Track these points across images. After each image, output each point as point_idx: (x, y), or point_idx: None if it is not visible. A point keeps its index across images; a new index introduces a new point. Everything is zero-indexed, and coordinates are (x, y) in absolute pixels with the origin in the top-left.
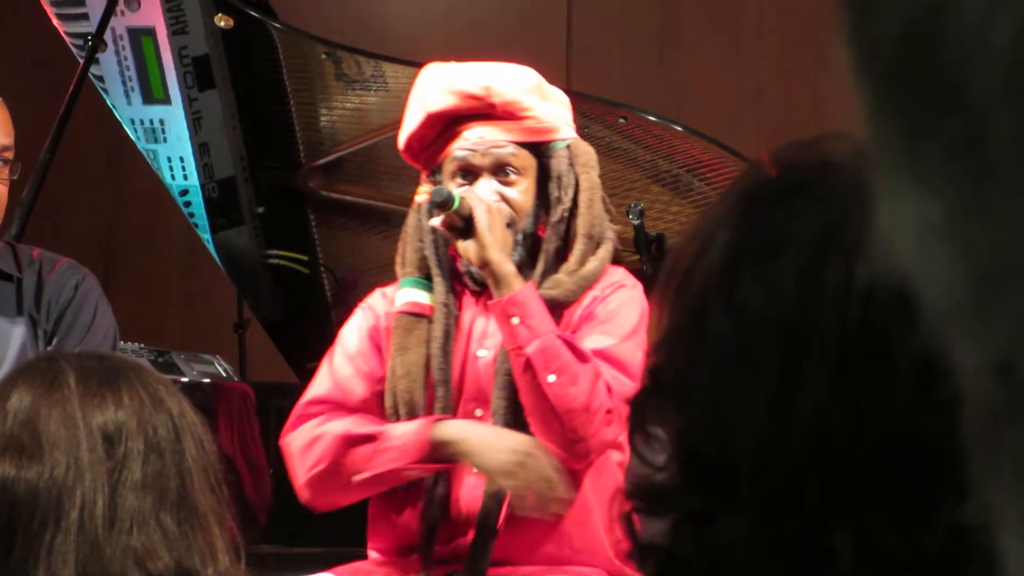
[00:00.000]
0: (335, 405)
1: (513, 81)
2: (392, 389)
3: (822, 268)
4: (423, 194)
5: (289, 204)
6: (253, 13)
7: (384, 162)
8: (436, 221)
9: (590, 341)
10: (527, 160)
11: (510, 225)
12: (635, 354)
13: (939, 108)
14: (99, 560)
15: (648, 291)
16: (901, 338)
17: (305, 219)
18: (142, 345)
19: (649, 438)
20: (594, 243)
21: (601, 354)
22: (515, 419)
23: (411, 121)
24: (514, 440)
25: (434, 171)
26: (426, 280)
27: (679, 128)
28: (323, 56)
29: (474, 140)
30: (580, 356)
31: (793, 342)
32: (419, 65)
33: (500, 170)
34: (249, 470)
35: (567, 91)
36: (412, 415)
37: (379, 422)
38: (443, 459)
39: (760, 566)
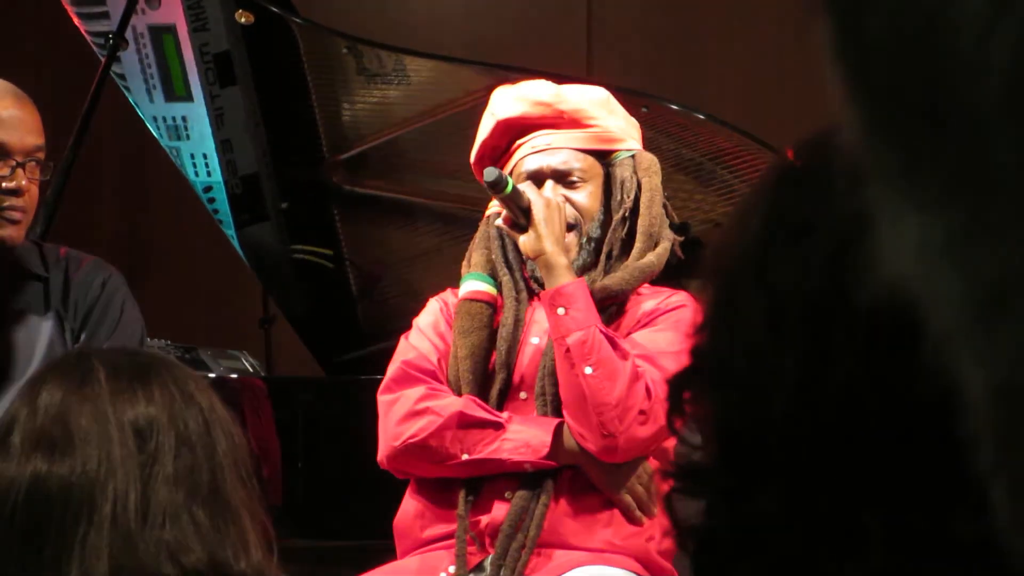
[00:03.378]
0: (428, 373)
1: (582, 92)
2: (454, 368)
3: (852, 248)
4: (492, 206)
5: (313, 199)
6: (273, 8)
7: (407, 156)
8: (499, 220)
9: (640, 344)
10: (593, 168)
11: (574, 227)
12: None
13: (937, 126)
14: (132, 554)
15: (678, 276)
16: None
17: (329, 214)
18: (169, 341)
19: (688, 418)
20: (653, 241)
21: (647, 357)
22: (555, 406)
23: (483, 131)
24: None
25: None
26: (489, 276)
27: (701, 116)
28: (344, 50)
29: (541, 145)
30: (621, 353)
31: (823, 320)
32: (441, 58)
33: (565, 176)
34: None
35: (587, 81)
36: (472, 393)
37: (491, 408)
38: (561, 462)
39: (792, 543)
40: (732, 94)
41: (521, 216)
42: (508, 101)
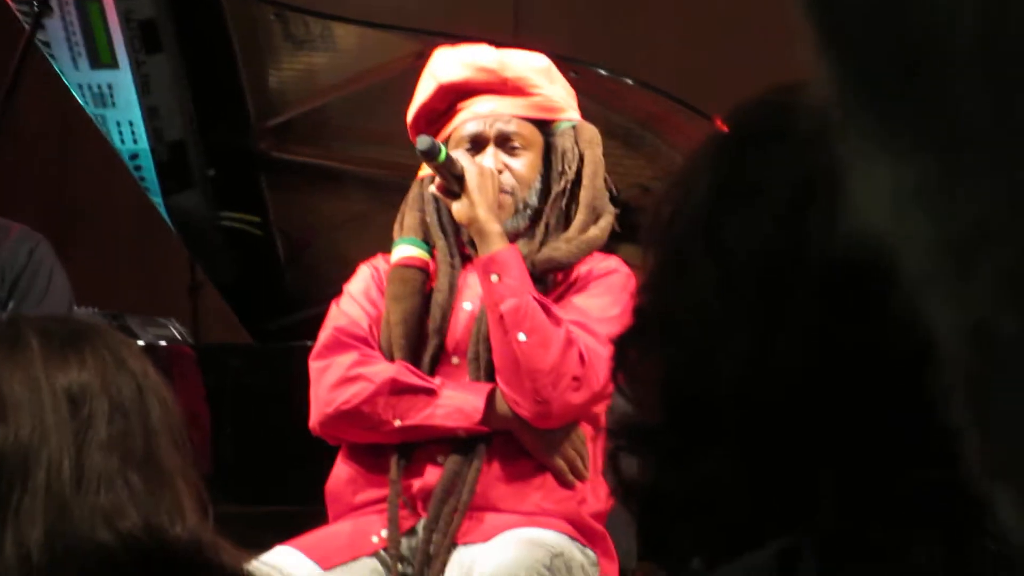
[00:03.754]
0: (360, 340)
1: (525, 59)
2: (387, 334)
3: (804, 209)
4: (424, 169)
5: (240, 166)
6: None
7: (335, 122)
8: (433, 187)
9: (573, 309)
10: (533, 136)
11: (512, 194)
12: (613, 330)
13: (909, 73)
14: (68, 520)
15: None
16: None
17: (257, 181)
18: (96, 309)
19: (633, 378)
20: (595, 214)
21: (580, 324)
22: (488, 371)
23: (422, 93)
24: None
25: None
26: (422, 241)
27: (630, 82)
28: (271, 17)
29: (483, 112)
30: (554, 320)
31: (775, 281)
32: (367, 24)
33: (506, 142)
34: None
35: (516, 46)
36: (404, 359)
37: (423, 374)
38: (494, 427)
39: (740, 504)
40: (661, 59)
41: (454, 183)
42: (451, 65)
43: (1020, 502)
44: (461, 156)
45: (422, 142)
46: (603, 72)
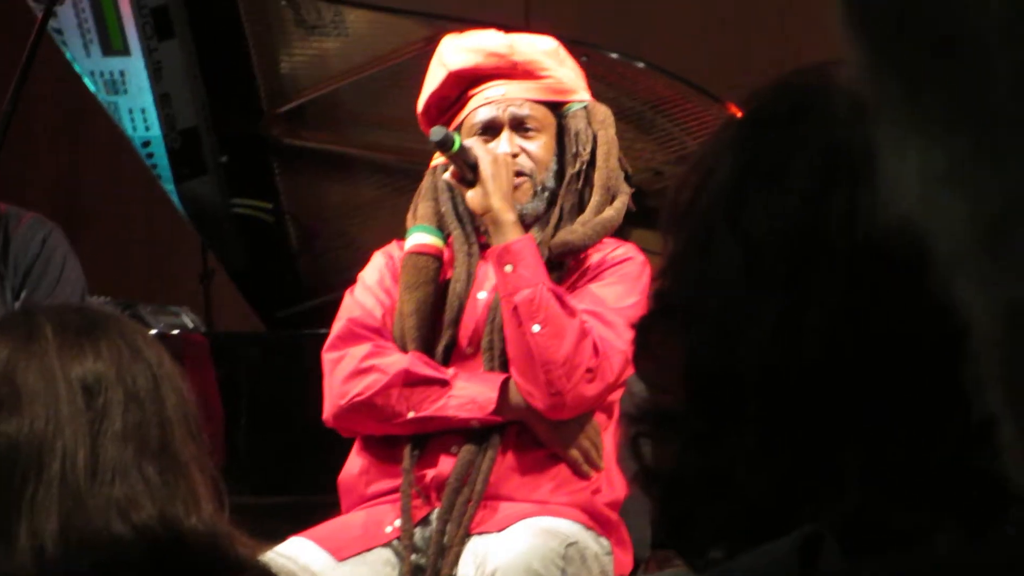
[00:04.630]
0: (374, 331)
1: (533, 42)
2: (400, 324)
3: (829, 190)
4: (438, 157)
5: (252, 153)
6: None
7: (346, 108)
8: (447, 175)
9: (588, 299)
10: (546, 118)
11: (530, 176)
12: (628, 319)
13: (939, 54)
14: (82, 512)
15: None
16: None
17: (269, 167)
18: (108, 298)
19: (656, 362)
20: (610, 195)
21: (595, 314)
22: (502, 361)
23: (432, 82)
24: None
25: None
26: (437, 229)
27: (641, 65)
28: (283, 3)
29: (496, 96)
30: (568, 311)
31: (800, 262)
32: (379, 9)
33: (520, 126)
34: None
35: (526, 31)
36: (417, 350)
37: (437, 365)
38: (508, 418)
39: (765, 486)
40: (672, 42)
41: (469, 172)
42: (459, 52)
43: None
44: (475, 145)
45: (436, 133)
46: (614, 55)
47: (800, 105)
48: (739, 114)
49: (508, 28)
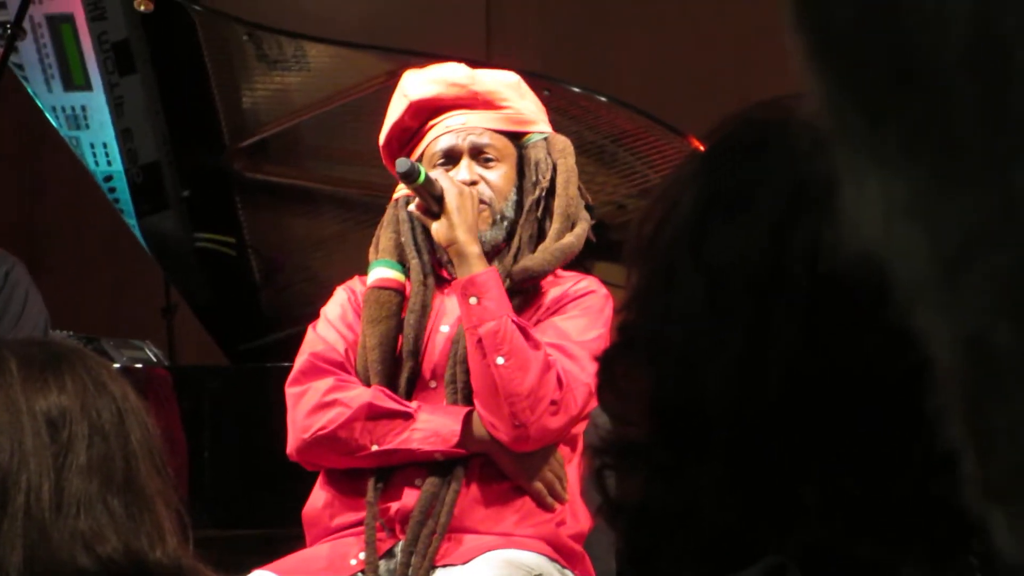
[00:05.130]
0: (337, 365)
1: (494, 75)
2: (363, 358)
3: (791, 222)
4: (400, 189)
5: (214, 187)
6: None
7: (308, 142)
8: (412, 207)
9: (551, 332)
10: (506, 148)
11: (489, 205)
12: (591, 352)
13: (899, 85)
14: (47, 545)
15: (583, 260)
16: (875, 291)
17: (231, 201)
18: (71, 332)
19: (619, 394)
20: (570, 222)
21: (559, 347)
22: (465, 394)
23: (393, 113)
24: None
25: None
26: (398, 263)
27: (603, 99)
28: (244, 38)
29: (456, 125)
30: (533, 343)
31: (763, 295)
32: (340, 44)
33: (479, 154)
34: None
35: (488, 66)
36: (381, 383)
37: (399, 398)
38: (471, 450)
39: (730, 517)
40: (633, 76)
41: (434, 204)
42: (421, 82)
43: (1014, 523)
44: (441, 176)
45: (401, 164)
46: (576, 89)
47: (762, 138)
48: (701, 147)
49: (471, 63)
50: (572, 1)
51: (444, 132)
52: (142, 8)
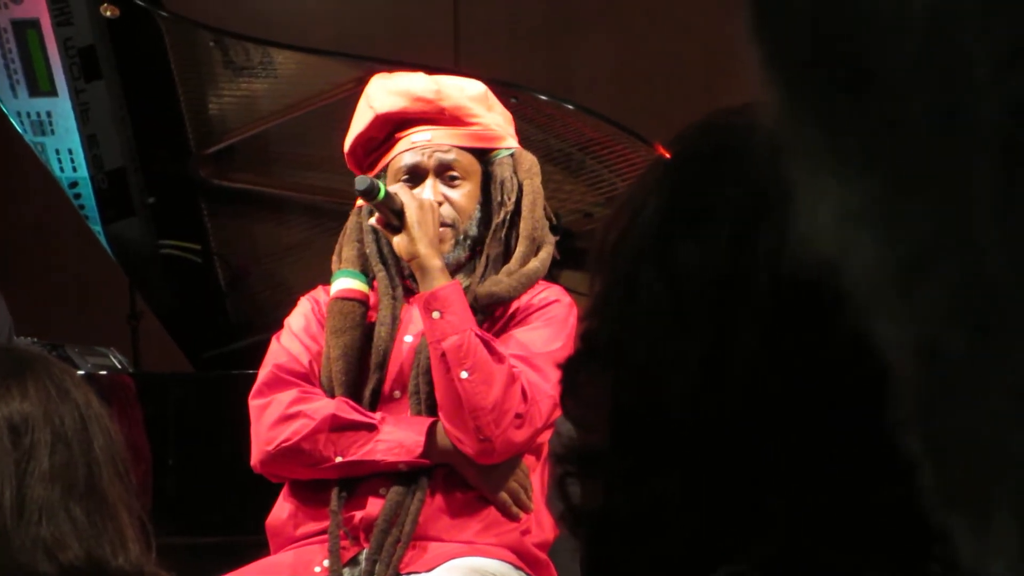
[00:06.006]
0: (300, 376)
1: (461, 88)
2: (327, 369)
3: (752, 230)
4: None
5: (180, 193)
6: (139, 2)
7: (275, 149)
8: (372, 220)
9: (515, 344)
10: (472, 165)
11: (452, 226)
12: (557, 363)
13: (853, 93)
14: (8, 551)
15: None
16: (833, 299)
17: (197, 208)
18: (36, 339)
19: (582, 402)
20: (535, 245)
21: (523, 358)
22: (429, 404)
23: (359, 123)
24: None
25: (377, 176)
26: (361, 273)
27: (570, 107)
28: (211, 44)
29: (422, 142)
30: (497, 357)
31: (725, 303)
32: (307, 51)
33: (445, 172)
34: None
35: (456, 73)
36: (345, 394)
37: (363, 410)
38: (435, 461)
39: (691, 525)
40: (601, 85)
41: (394, 218)
42: (386, 95)
43: (972, 531)
44: (400, 191)
45: (360, 182)
46: (543, 97)
47: (725, 145)
48: (667, 155)
49: (438, 70)
50: (539, 9)
51: (409, 148)
52: (108, 14)
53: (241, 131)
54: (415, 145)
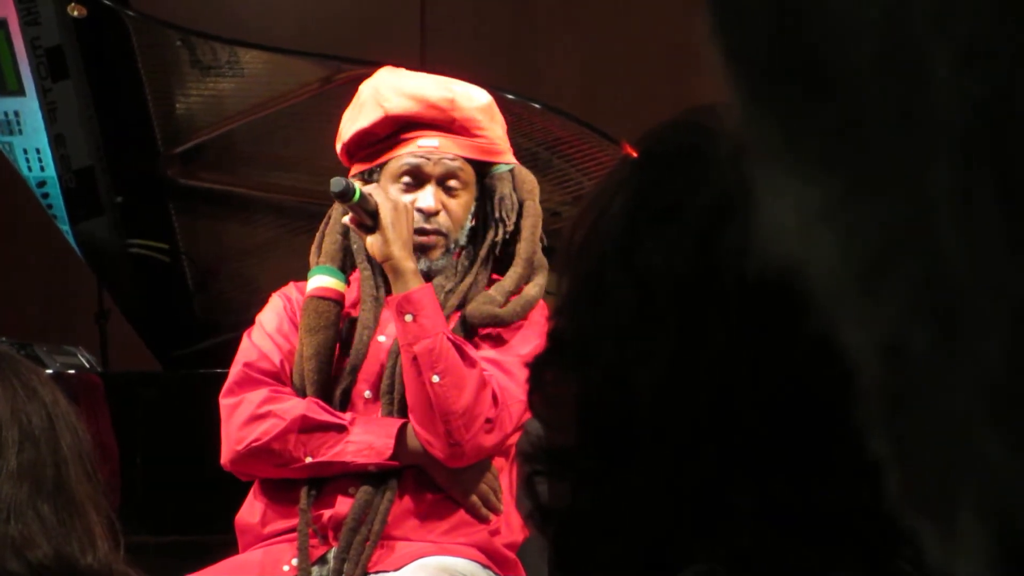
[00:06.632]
0: (271, 375)
1: (472, 98)
2: (299, 368)
3: (719, 229)
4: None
5: (148, 193)
6: (106, 2)
7: (242, 148)
8: (346, 218)
9: (486, 346)
10: (471, 176)
11: (445, 235)
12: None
13: (812, 92)
14: None
15: None
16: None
17: (165, 207)
18: (3, 338)
19: (549, 401)
20: (531, 267)
21: (495, 362)
22: (401, 406)
23: (365, 118)
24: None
25: (371, 171)
26: (338, 270)
27: (537, 106)
28: (178, 43)
29: (429, 149)
30: (469, 361)
31: (692, 302)
32: (275, 50)
33: (446, 181)
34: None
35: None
36: (317, 394)
37: (334, 410)
38: (405, 463)
39: (659, 522)
40: (568, 83)
41: (368, 219)
42: (399, 96)
43: (938, 531)
44: (375, 191)
45: (336, 184)
46: (510, 96)
47: (691, 145)
48: (634, 154)
49: (410, 67)
50: (506, 8)
51: (415, 152)
52: (75, 13)
53: (208, 130)
54: (423, 149)
